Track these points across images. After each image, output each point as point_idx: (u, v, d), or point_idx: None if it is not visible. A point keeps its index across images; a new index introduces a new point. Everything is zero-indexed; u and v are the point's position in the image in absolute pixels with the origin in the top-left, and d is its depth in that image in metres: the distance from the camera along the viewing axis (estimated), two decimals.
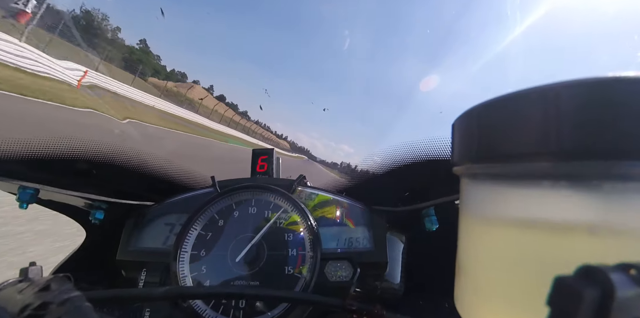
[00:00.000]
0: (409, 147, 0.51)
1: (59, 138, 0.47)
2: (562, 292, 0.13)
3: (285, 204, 0.54)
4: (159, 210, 0.58)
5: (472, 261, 0.22)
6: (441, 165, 0.43)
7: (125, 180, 0.60)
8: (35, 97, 2.30)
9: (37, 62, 8.46)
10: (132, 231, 0.56)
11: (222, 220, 0.53)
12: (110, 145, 0.54)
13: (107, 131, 0.59)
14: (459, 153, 0.23)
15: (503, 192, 0.19)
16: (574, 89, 0.16)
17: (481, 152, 0.20)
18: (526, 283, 0.17)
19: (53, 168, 0.50)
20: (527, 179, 0.17)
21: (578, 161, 0.15)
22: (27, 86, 1.74)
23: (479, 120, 0.20)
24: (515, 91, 0.18)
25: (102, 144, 0.53)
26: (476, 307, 0.21)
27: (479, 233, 0.21)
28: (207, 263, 0.49)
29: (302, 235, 0.50)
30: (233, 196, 0.55)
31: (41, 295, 0.23)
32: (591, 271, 0.13)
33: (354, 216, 0.55)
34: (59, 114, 1.36)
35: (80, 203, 0.61)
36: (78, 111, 1.58)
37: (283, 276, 0.48)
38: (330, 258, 0.50)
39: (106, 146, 0.53)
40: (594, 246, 0.15)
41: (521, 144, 0.17)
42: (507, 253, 0.18)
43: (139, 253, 0.53)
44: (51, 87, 5.65)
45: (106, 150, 0.53)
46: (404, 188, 0.56)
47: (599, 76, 0.15)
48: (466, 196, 0.23)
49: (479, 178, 0.21)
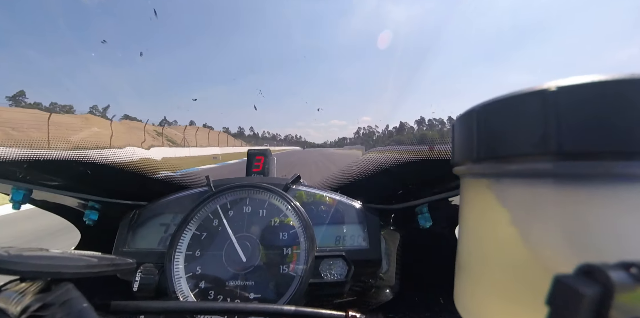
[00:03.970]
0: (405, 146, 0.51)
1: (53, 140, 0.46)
2: (562, 291, 0.13)
3: (279, 203, 0.53)
4: (153, 210, 0.57)
5: (472, 261, 0.22)
6: (436, 164, 0.44)
7: (119, 180, 0.59)
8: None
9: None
10: (127, 231, 0.55)
11: (217, 219, 0.52)
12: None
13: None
14: (460, 153, 0.23)
15: (504, 192, 0.19)
16: (573, 89, 0.16)
17: (482, 152, 0.20)
18: (526, 282, 0.17)
19: (46, 169, 0.49)
20: (528, 179, 0.17)
21: (578, 160, 0.15)
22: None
23: (479, 120, 0.20)
24: (515, 91, 0.18)
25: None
26: (476, 306, 0.21)
27: (479, 233, 0.21)
28: (202, 263, 0.49)
29: (296, 233, 0.50)
30: (228, 195, 0.54)
31: (42, 296, 0.23)
32: (591, 270, 0.13)
33: (348, 215, 0.55)
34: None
35: (74, 204, 0.60)
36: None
37: (278, 275, 0.48)
38: (325, 257, 0.50)
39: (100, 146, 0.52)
40: (594, 246, 0.15)
41: (522, 144, 0.17)
42: (508, 252, 0.18)
43: (133, 254, 0.52)
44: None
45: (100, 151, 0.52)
46: (398, 186, 0.57)
47: (599, 76, 0.15)
48: (466, 196, 0.23)
49: (479, 178, 0.21)
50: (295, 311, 0.35)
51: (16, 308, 0.22)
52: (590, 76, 0.15)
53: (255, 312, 0.35)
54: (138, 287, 0.46)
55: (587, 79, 0.15)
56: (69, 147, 0.49)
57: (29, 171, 0.48)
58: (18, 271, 0.23)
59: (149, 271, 0.48)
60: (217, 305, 0.37)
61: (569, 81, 0.16)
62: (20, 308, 0.22)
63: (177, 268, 0.48)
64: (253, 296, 0.46)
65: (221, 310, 0.36)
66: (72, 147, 0.49)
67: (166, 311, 0.34)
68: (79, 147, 0.49)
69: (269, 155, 0.67)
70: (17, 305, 0.22)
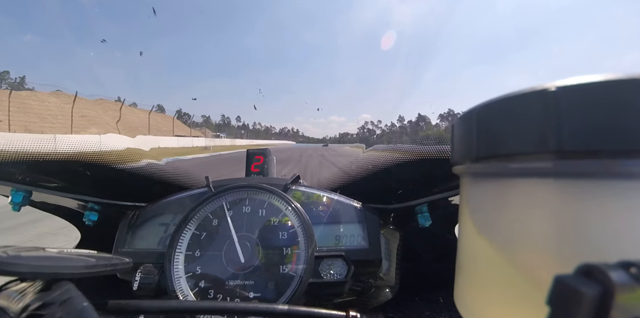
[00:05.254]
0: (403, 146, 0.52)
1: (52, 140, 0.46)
2: (562, 290, 0.13)
3: (279, 203, 0.53)
4: (153, 211, 0.57)
5: (472, 261, 0.22)
6: (435, 164, 0.44)
7: (119, 181, 0.59)
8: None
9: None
10: (126, 232, 0.55)
11: (217, 219, 0.52)
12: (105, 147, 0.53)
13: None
14: (459, 152, 0.23)
15: (504, 191, 0.19)
16: (574, 88, 0.16)
17: (482, 151, 0.20)
18: (526, 282, 0.17)
19: (45, 170, 0.49)
20: (528, 178, 0.17)
21: (578, 159, 0.15)
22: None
23: (479, 120, 0.20)
24: (515, 91, 0.18)
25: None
26: (477, 306, 0.21)
27: (479, 232, 0.21)
28: (201, 263, 0.49)
29: (296, 233, 0.50)
30: (227, 195, 0.54)
31: (42, 295, 0.23)
32: (591, 270, 0.13)
33: (347, 214, 0.55)
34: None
35: (73, 205, 0.60)
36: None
37: (278, 275, 0.48)
38: (325, 256, 0.50)
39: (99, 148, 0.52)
40: (594, 245, 0.15)
41: (522, 142, 0.17)
42: (508, 251, 0.18)
43: (133, 254, 0.52)
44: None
45: (99, 151, 0.52)
46: (398, 186, 0.57)
47: (599, 76, 0.15)
48: (466, 196, 0.23)
49: (479, 177, 0.21)
50: (295, 311, 0.35)
51: (16, 307, 0.22)
52: (591, 75, 0.15)
53: (255, 311, 0.35)
54: (138, 287, 0.47)
55: (587, 79, 0.15)
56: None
57: (28, 173, 0.48)
58: (17, 273, 0.23)
59: (148, 271, 0.48)
60: (217, 304, 0.37)
61: (569, 80, 0.16)
62: (20, 307, 0.22)
63: (176, 267, 0.48)
64: (253, 296, 0.46)
65: (221, 309, 0.36)
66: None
67: (166, 310, 0.34)
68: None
69: (268, 155, 0.67)
70: (17, 304, 0.23)
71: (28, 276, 0.24)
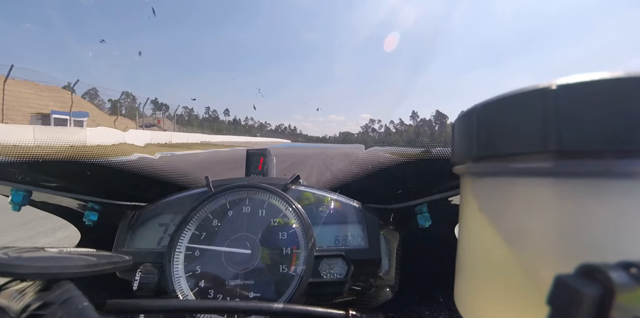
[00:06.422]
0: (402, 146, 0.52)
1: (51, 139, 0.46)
2: (562, 291, 0.13)
3: (279, 203, 0.53)
4: (153, 211, 0.57)
5: (472, 261, 0.22)
6: (435, 164, 0.44)
7: (119, 181, 0.59)
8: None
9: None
10: (126, 232, 0.55)
11: (216, 219, 0.52)
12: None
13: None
14: (460, 152, 0.23)
15: (504, 191, 0.19)
16: (573, 87, 0.16)
17: (482, 151, 0.20)
18: (526, 282, 0.17)
19: (45, 170, 0.49)
20: (528, 177, 0.17)
21: (578, 159, 0.15)
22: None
23: (479, 119, 0.20)
24: (515, 90, 0.18)
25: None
26: (477, 306, 0.21)
27: (479, 232, 0.21)
28: (201, 263, 0.49)
29: (296, 233, 0.50)
30: (227, 195, 0.54)
31: (42, 295, 0.23)
32: (591, 270, 0.13)
33: (347, 214, 0.55)
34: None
35: (73, 205, 0.60)
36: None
37: (277, 274, 0.48)
38: (324, 256, 0.50)
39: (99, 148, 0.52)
40: (594, 245, 0.15)
41: (522, 142, 0.17)
42: (508, 251, 0.18)
43: (133, 254, 0.52)
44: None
45: (99, 152, 0.52)
46: (398, 186, 0.57)
47: (599, 74, 0.15)
48: (467, 195, 0.23)
49: (480, 177, 0.21)
50: (295, 310, 0.35)
51: (17, 307, 0.22)
52: (590, 74, 0.15)
53: (255, 310, 0.35)
54: (138, 286, 0.47)
55: (587, 77, 0.15)
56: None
57: (28, 173, 0.48)
58: (20, 274, 0.23)
59: (148, 270, 0.48)
60: (217, 303, 0.36)
61: (569, 79, 0.16)
62: (20, 306, 0.22)
63: (176, 267, 0.48)
64: (252, 295, 0.46)
65: (221, 308, 0.36)
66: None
67: (166, 309, 0.34)
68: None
69: (268, 155, 0.67)
70: (17, 303, 0.23)
71: (30, 278, 0.24)
